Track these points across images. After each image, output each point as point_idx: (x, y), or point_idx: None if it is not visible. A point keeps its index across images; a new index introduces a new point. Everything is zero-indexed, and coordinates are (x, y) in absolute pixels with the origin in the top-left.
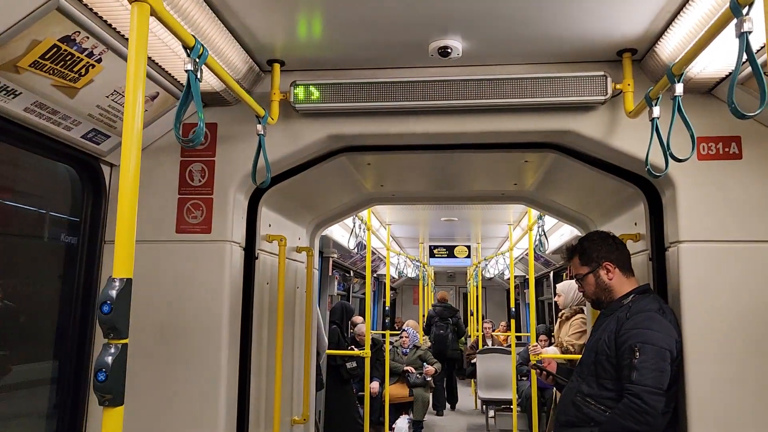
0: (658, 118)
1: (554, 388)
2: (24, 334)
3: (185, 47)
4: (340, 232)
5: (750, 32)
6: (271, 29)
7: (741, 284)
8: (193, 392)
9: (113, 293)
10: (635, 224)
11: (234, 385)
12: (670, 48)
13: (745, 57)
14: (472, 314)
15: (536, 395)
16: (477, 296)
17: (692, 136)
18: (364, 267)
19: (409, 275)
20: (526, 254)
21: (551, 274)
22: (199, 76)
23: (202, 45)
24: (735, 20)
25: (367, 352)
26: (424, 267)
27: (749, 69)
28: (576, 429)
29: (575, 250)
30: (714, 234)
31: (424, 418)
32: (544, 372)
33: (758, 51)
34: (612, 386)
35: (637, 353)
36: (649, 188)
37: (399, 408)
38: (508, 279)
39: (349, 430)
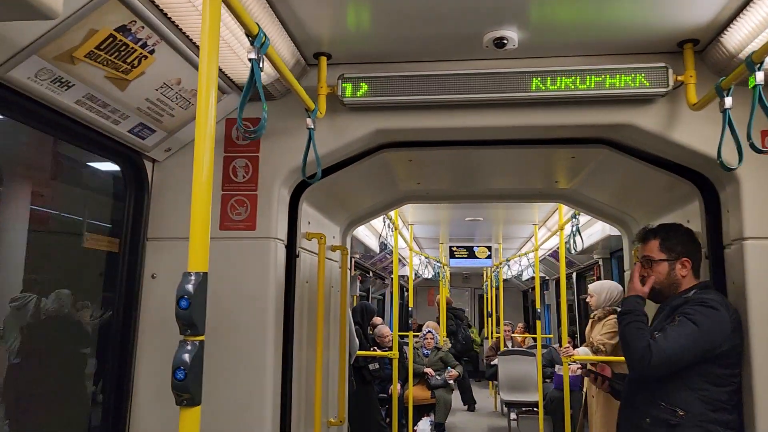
0: (730, 108)
1: (583, 391)
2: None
3: (248, 35)
4: (364, 232)
5: None
6: (320, 21)
7: None
8: (238, 392)
9: (190, 288)
10: (688, 222)
11: (278, 385)
12: (738, 38)
13: None
14: (490, 316)
15: (568, 397)
16: (494, 297)
17: None
18: (383, 268)
19: (425, 276)
20: (548, 255)
21: (573, 276)
22: (261, 66)
23: (265, 34)
24: None
25: (395, 353)
26: (444, 268)
27: None
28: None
29: (657, 234)
30: None
31: (446, 420)
32: (600, 377)
33: None
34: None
35: (676, 322)
36: (704, 184)
37: (421, 410)
38: (525, 280)
39: None
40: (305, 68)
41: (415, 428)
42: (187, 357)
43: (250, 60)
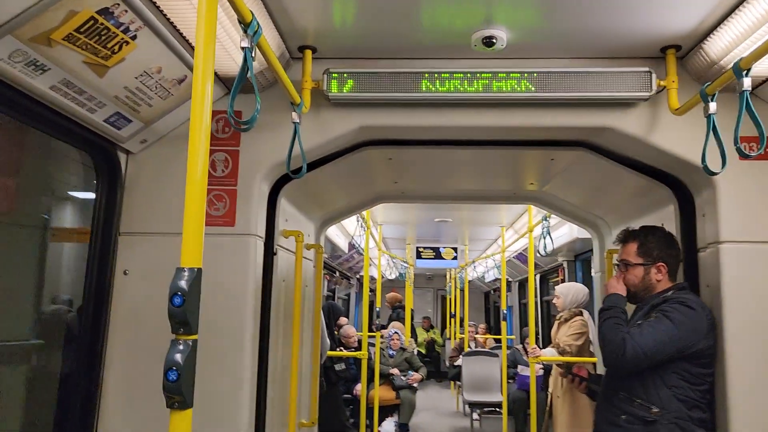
0: (715, 114)
1: (548, 392)
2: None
3: (241, 23)
4: (333, 231)
5: None
6: (306, 13)
7: None
8: (215, 392)
9: (183, 284)
10: (662, 225)
11: (254, 385)
12: (720, 46)
13: None
14: (453, 317)
15: (534, 398)
16: (458, 299)
17: (761, 133)
18: (349, 268)
19: (388, 277)
20: (513, 257)
21: (537, 277)
22: (254, 55)
23: (258, 22)
24: None
25: (363, 353)
26: (411, 268)
27: None
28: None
29: (636, 236)
30: (758, 234)
31: (410, 420)
32: (576, 378)
33: None
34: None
35: (652, 319)
36: (679, 188)
37: (385, 411)
38: (488, 282)
39: None
40: (289, 61)
41: (380, 429)
42: (179, 357)
43: (243, 48)
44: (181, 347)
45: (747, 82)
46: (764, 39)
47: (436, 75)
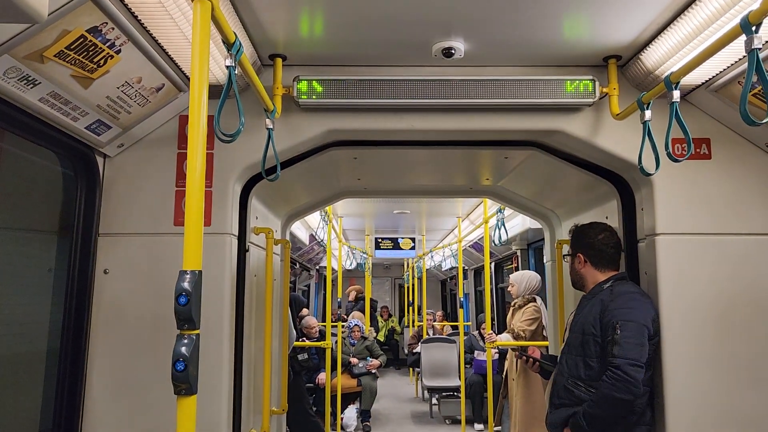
0: (650, 120)
1: (503, 375)
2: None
3: (225, 42)
4: (295, 224)
5: (759, 49)
6: (276, 24)
7: (713, 272)
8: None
9: (187, 285)
10: (606, 218)
11: (231, 376)
12: (655, 57)
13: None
14: (411, 305)
15: (491, 381)
16: (415, 287)
17: (688, 140)
18: (309, 260)
19: (348, 267)
20: (470, 246)
21: (492, 265)
22: (237, 72)
23: (241, 42)
24: (744, 37)
25: (327, 343)
26: (369, 258)
27: (726, 77)
28: (568, 410)
29: (571, 231)
30: (688, 227)
31: (371, 407)
32: (530, 359)
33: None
34: (596, 365)
35: (619, 329)
36: (621, 185)
37: (347, 398)
38: (445, 270)
39: (302, 422)
40: (260, 68)
41: (342, 416)
42: (185, 350)
43: (227, 67)
44: (186, 341)
45: (676, 94)
46: (694, 52)
47: (399, 82)
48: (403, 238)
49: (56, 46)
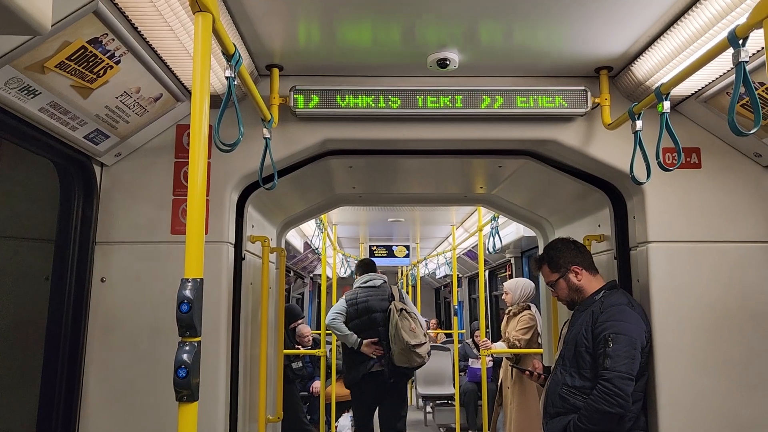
0: (641, 131)
1: (498, 383)
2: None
3: (224, 54)
4: (290, 232)
5: (746, 62)
6: (274, 36)
7: (705, 279)
8: None
9: (189, 293)
10: (599, 226)
11: (228, 384)
12: (645, 68)
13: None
14: None
15: (486, 389)
16: (409, 295)
17: (678, 149)
18: (303, 267)
19: (342, 275)
20: (464, 254)
21: (486, 273)
22: (237, 83)
23: (240, 54)
24: (732, 50)
25: (322, 350)
26: None
27: (715, 88)
28: (564, 418)
29: (543, 259)
30: (680, 235)
31: None
32: (536, 374)
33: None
34: (591, 376)
35: (610, 342)
36: (614, 194)
37: (341, 406)
38: (439, 278)
39: (296, 430)
40: (257, 78)
41: (337, 424)
42: (186, 356)
43: (227, 78)
44: (188, 348)
45: (666, 105)
46: (683, 64)
47: (395, 92)
48: (397, 245)
49: (57, 57)
